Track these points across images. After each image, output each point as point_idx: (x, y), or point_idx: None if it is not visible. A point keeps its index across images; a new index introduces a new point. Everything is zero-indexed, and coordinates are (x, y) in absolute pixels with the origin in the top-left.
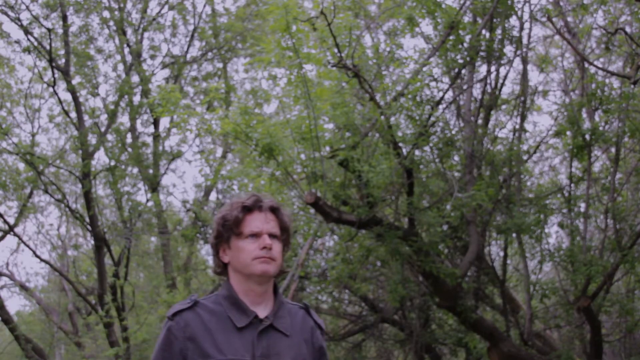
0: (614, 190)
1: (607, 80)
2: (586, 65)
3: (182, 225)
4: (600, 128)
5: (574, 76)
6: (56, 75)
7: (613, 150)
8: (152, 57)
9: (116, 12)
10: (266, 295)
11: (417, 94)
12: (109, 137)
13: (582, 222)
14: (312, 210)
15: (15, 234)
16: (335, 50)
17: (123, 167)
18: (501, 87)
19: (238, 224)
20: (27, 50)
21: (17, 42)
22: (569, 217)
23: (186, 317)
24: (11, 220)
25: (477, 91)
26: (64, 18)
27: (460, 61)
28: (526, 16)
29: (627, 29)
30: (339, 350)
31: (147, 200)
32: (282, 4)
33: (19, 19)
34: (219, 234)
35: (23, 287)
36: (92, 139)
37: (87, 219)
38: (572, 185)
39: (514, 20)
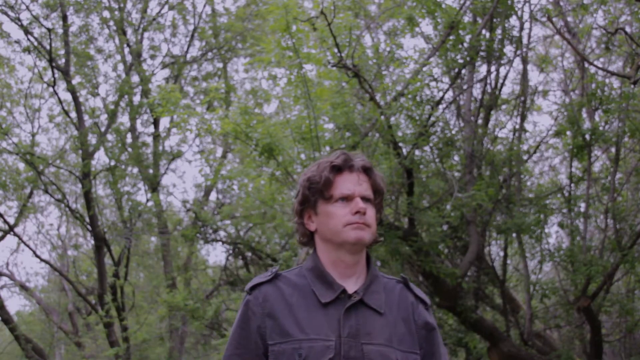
0: (614, 190)
1: (607, 80)
2: (586, 65)
3: (182, 225)
4: (600, 128)
5: (574, 76)
6: (56, 75)
7: (613, 150)
8: (152, 57)
9: (116, 12)
10: (358, 267)
11: (417, 94)
12: (109, 137)
13: (582, 222)
14: None
15: (15, 234)
16: (335, 50)
17: (123, 167)
18: (501, 87)
19: (327, 186)
20: (27, 50)
21: (17, 42)
22: (569, 217)
23: (265, 291)
24: (11, 220)
25: (477, 91)
26: (64, 18)
27: (460, 61)
28: (526, 16)
29: (627, 29)
30: None
31: (147, 200)
32: (282, 4)
33: (19, 19)
34: (305, 198)
35: (23, 287)
36: (92, 139)
37: (87, 219)
38: (572, 185)
39: (514, 20)
